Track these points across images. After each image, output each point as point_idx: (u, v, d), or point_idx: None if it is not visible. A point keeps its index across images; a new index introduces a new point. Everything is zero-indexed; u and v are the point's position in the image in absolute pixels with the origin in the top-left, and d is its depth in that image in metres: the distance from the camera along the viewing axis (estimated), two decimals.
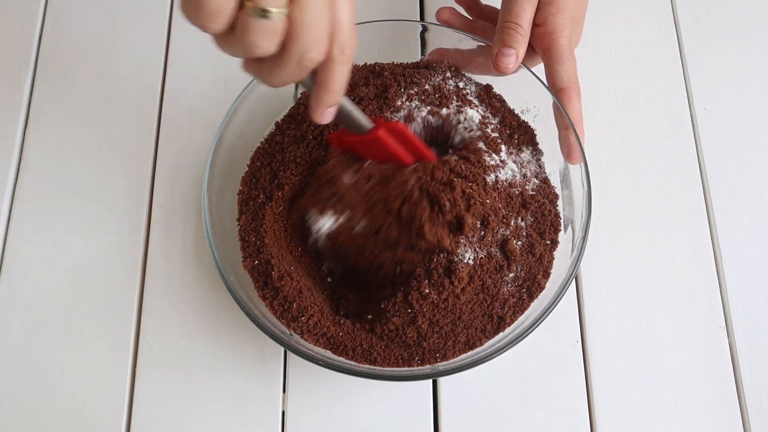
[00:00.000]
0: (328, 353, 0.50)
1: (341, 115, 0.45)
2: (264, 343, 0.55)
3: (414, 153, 0.50)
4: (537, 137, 0.56)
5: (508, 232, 0.51)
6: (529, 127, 0.56)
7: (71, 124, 0.63)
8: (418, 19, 0.68)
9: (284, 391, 0.55)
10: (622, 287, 0.58)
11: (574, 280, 0.58)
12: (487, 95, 0.56)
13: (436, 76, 0.56)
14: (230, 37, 0.35)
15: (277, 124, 0.58)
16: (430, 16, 0.68)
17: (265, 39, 0.34)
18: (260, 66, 0.37)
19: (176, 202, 0.60)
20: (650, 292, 0.58)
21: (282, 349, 0.55)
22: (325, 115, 0.41)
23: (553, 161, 0.56)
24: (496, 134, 0.54)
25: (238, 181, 0.56)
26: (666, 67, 0.66)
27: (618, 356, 0.56)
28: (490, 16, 0.60)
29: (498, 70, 0.54)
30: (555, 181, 0.56)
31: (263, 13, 0.33)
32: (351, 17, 0.37)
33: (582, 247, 0.51)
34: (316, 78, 0.39)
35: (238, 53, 0.36)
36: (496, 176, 0.52)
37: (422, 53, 0.61)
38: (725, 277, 0.58)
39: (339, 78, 0.38)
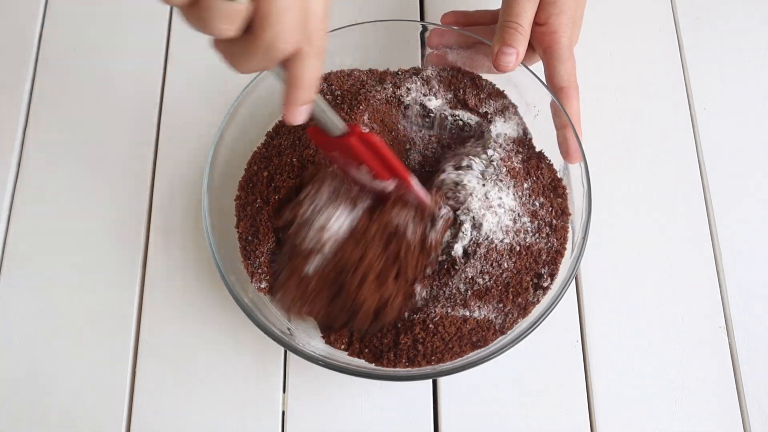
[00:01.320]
0: (329, 349, 0.51)
1: (314, 115, 0.43)
2: (264, 343, 0.55)
3: (388, 168, 0.49)
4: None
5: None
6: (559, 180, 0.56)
7: (71, 124, 0.63)
8: (418, 19, 0.68)
9: (284, 391, 0.55)
10: (622, 287, 0.58)
11: (574, 280, 0.58)
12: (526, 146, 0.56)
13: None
14: (193, 10, 0.33)
15: (274, 128, 0.58)
16: (430, 16, 0.68)
17: (226, 21, 0.33)
18: (229, 49, 0.36)
19: (176, 202, 0.60)
20: (650, 292, 0.58)
21: (282, 349, 0.55)
22: (296, 115, 0.39)
23: (552, 161, 0.56)
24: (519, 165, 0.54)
25: (237, 182, 0.56)
26: (666, 67, 0.66)
27: (618, 356, 0.56)
28: (482, 20, 0.61)
29: (498, 69, 0.54)
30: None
31: None
32: (324, 8, 0.35)
33: (582, 247, 0.51)
34: (286, 73, 0.37)
35: (200, 30, 0.34)
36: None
37: (422, 53, 0.61)
38: (725, 277, 0.58)
39: (310, 73, 0.37)
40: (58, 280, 0.58)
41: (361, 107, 0.55)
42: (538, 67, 0.57)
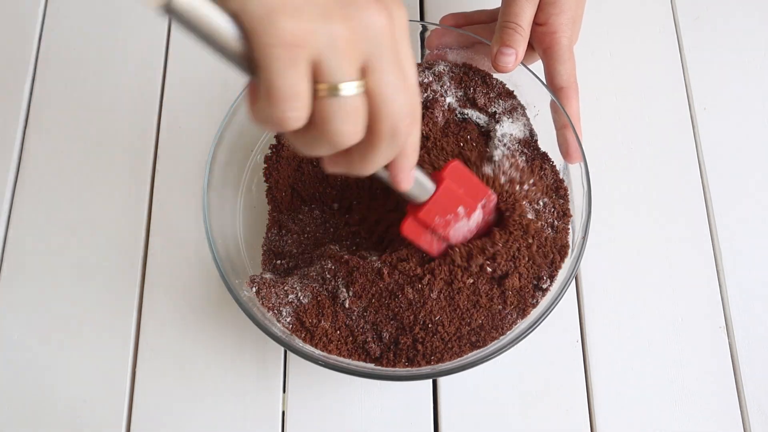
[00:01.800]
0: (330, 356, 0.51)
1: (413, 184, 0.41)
2: (264, 343, 0.55)
3: (474, 192, 0.47)
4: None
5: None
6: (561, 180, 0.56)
7: (71, 124, 0.63)
8: (418, 19, 0.68)
9: (284, 391, 0.55)
10: (622, 287, 0.58)
11: (574, 280, 0.58)
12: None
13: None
14: (311, 131, 0.31)
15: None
16: (430, 16, 0.68)
17: (349, 122, 0.31)
18: (349, 157, 0.33)
19: (176, 202, 0.60)
20: (650, 292, 0.58)
21: (282, 349, 0.55)
22: (409, 179, 0.38)
23: (554, 161, 0.56)
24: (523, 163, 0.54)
25: (237, 182, 0.57)
26: (666, 67, 0.66)
27: (618, 356, 0.56)
28: (482, 19, 0.61)
29: (497, 69, 0.54)
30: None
31: (338, 91, 0.30)
32: (415, 70, 0.33)
33: (582, 247, 0.51)
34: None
35: (324, 148, 0.32)
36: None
37: (422, 54, 0.61)
38: (725, 277, 0.58)
39: (417, 139, 0.36)
40: (57, 280, 0.58)
41: None
42: (537, 66, 0.57)
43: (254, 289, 0.50)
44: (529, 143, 0.56)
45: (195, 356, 0.55)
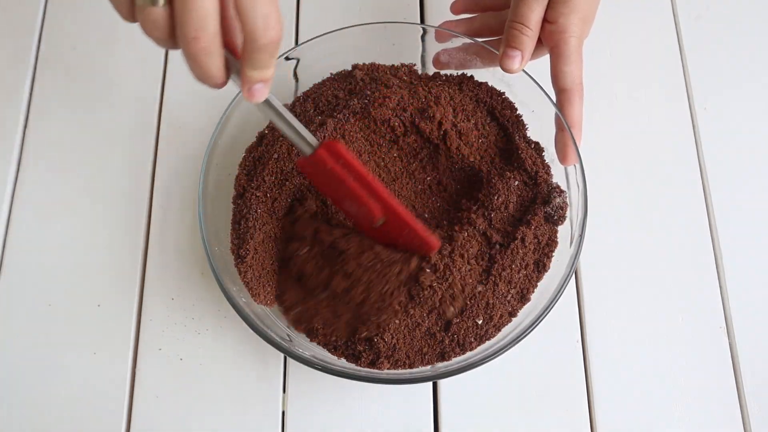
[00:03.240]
0: (327, 355, 0.51)
1: (277, 123, 0.43)
2: (264, 343, 0.55)
3: (363, 185, 0.46)
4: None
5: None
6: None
7: (71, 123, 0.63)
8: (419, 22, 0.68)
9: (284, 391, 0.55)
10: (623, 287, 0.58)
11: (573, 280, 0.58)
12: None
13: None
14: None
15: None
16: (431, 18, 0.67)
17: (154, 29, 0.36)
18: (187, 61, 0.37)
19: (176, 203, 0.60)
20: (650, 293, 0.58)
21: None
22: (254, 94, 0.39)
23: (553, 159, 0.56)
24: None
25: (234, 184, 0.57)
26: (666, 67, 0.66)
27: (618, 356, 0.56)
28: (494, 4, 0.60)
29: (504, 70, 0.53)
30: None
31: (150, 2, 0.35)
32: None
33: (579, 244, 0.51)
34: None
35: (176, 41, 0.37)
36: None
37: (422, 54, 0.61)
38: (725, 277, 0.58)
39: (259, 54, 0.37)
40: (57, 279, 0.58)
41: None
42: (537, 66, 0.57)
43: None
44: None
45: (195, 356, 0.55)
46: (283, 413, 0.54)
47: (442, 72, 0.59)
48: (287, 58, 0.58)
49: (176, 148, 0.62)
